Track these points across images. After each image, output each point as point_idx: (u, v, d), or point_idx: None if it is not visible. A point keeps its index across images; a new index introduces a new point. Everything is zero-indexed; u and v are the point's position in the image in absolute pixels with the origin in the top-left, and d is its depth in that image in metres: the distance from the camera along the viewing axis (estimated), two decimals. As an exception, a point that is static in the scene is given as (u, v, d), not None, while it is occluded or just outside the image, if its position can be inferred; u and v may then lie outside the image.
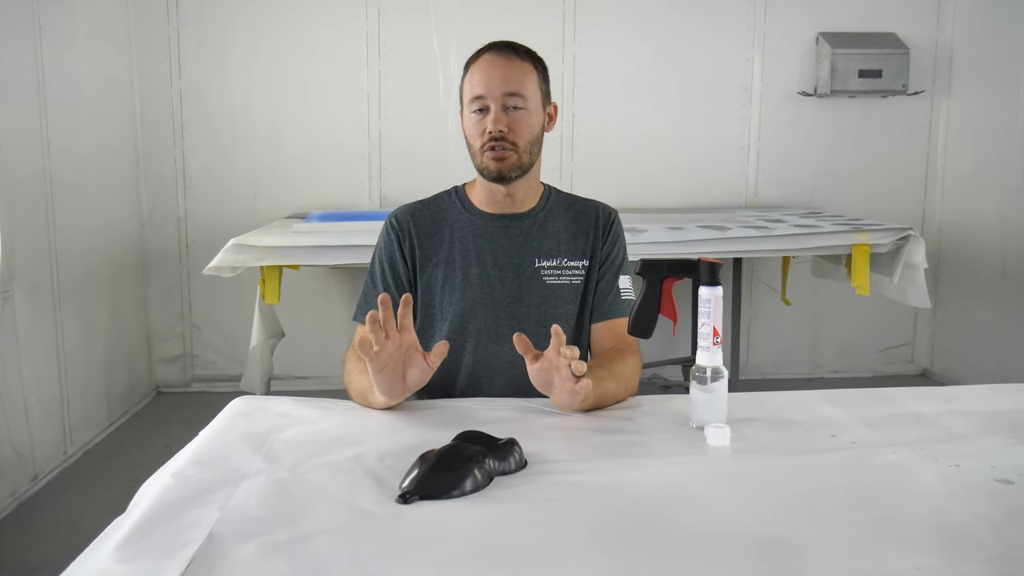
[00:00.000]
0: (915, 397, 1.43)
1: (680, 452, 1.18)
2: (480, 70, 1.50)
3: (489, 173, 1.51)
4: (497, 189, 1.54)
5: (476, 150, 1.51)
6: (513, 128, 1.48)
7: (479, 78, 1.49)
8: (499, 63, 1.49)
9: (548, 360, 1.26)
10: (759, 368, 4.24)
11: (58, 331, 3.11)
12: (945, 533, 0.93)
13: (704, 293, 1.25)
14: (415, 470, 1.04)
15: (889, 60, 3.97)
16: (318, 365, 4.04)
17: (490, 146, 1.48)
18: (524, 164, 1.52)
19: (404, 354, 1.28)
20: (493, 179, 1.51)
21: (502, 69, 1.49)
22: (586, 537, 0.92)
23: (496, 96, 1.47)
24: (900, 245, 3.08)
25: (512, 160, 1.49)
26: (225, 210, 3.97)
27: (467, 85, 1.52)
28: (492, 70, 1.49)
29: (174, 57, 3.92)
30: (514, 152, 1.49)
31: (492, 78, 1.48)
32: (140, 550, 0.88)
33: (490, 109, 1.48)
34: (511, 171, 1.50)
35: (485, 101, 1.48)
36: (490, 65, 1.49)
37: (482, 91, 1.48)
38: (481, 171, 1.53)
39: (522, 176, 1.53)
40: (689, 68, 4.11)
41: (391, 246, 1.59)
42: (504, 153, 1.48)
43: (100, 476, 3.02)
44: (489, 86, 1.47)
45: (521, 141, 1.49)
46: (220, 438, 1.24)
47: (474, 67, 1.51)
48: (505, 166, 1.49)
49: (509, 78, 1.48)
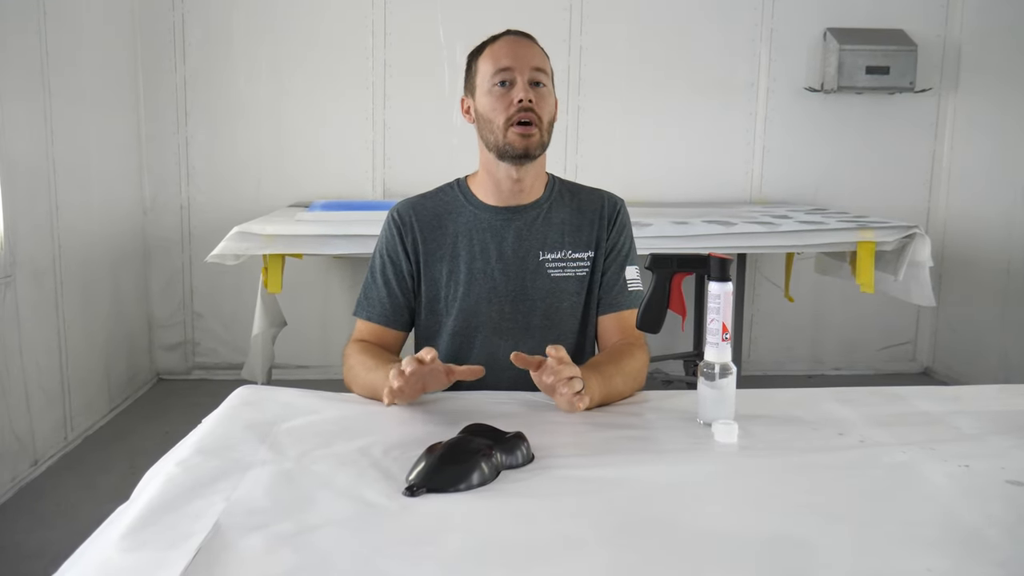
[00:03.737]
0: (923, 396, 1.42)
1: (688, 448, 1.17)
2: (505, 45, 1.49)
3: (514, 150, 1.46)
4: (507, 175, 1.51)
5: (499, 126, 1.46)
6: (538, 102, 1.47)
7: (505, 51, 1.48)
8: (523, 42, 1.51)
9: (551, 368, 1.27)
10: (760, 364, 4.23)
11: (59, 317, 3.10)
12: (956, 534, 0.92)
13: (714, 288, 1.24)
14: (422, 463, 1.03)
15: (897, 57, 3.95)
16: (319, 354, 4.03)
17: (519, 119, 1.45)
18: (545, 143, 1.50)
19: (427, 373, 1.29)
20: (517, 156, 1.47)
21: (527, 48, 1.50)
22: (593, 532, 0.91)
23: (524, 69, 1.46)
24: (905, 243, 3.07)
25: (536, 138, 1.47)
26: (228, 198, 3.96)
27: (487, 62, 1.49)
28: (518, 47, 1.49)
29: (178, 44, 3.90)
30: (538, 129, 1.47)
31: (519, 52, 1.48)
32: (146, 539, 0.88)
33: (516, 82, 1.46)
34: (536, 148, 1.48)
35: (512, 73, 1.46)
36: (515, 42, 1.50)
37: (510, 63, 1.46)
38: (503, 149, 1.47)
39: (539, 155, 1.51)
40: (696, 62, 4.09)
41: (392, 241, 1.57)
42: (530, 130, 1.46)
43: (100, 462, 3.02)
44: (517, 59, 1.47)
45: (545, 117, 1.48)
46: (224, 427, 1.23)
47: (494, 46, 1.50)
48: (532, 143, 1.46)
49: (535, 55, 1.49)
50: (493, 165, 1.52)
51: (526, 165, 1.50)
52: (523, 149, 1.46)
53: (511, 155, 1.47)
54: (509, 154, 1.47)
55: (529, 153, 1.47)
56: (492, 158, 1.51)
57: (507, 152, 1.47)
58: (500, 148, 1.48)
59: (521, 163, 1.49)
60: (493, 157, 1.51)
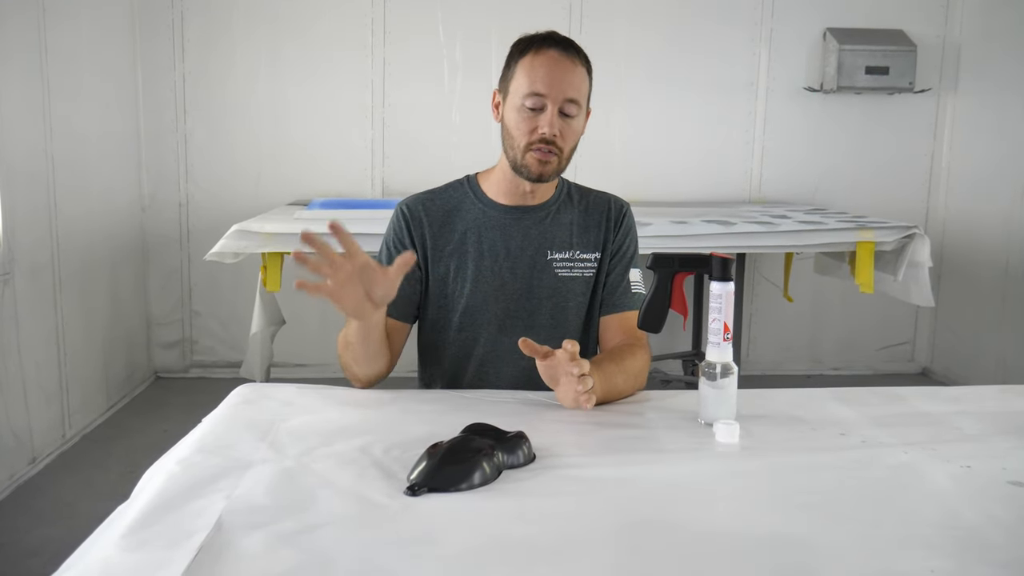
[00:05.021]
0: (924, 396, 1.42)
1: (689, 448, 1.17)
2: (545, 66, 1.43)
3: (528, 173, 1.47)
4: (522, 183, 1.52)
5: (519, 146, 1.46)
6: (563, 134, 1.44)
7: (543, 75, 1.42)
8: (565, 65, 1.43)
9: (557, 359, 1.27)
10: (759, 364, 4.24)
11: (58, 315, 3.09)
12: (958, 535, 0.92)
13: (715, 288, 1.24)
14: (423, 462, 1.03)
15: (896, 57, 3.95)
16: (318, 353, 4.02)
17: (537, 147, 1.44)
18: (562, 169, 1.50)
19: (361, 275, 1.25)
20: (530, 180, 1.48)
21: (567, 72, 1.43)
22: (595, 532, 0.91)
23: (557, 99, 1.43)
24: (905, 243, 3.07)
25: (553, 166, 1.47)
26: (226, 196, 3.95)
27: (523, 76, 1.44)
28: (557, 70, 1.42)
29: (177, 40, 3.89)
30: (557, 158, 1.46)
31: (556, 79, 1.42)
32: (146, 538, 0.87)
33: (547, 109, 1.43)
34: (550, 175, 1.48)
35: (543, 100, 1.43)
36: (556, 64, 1.43)
37: (544, 90, 1.42)
38: (518, 168, 1.48)
39: (553, 180, 1.52)
40: (695, 62, 4.09)
41: (400, 234, 1.57)
42: (549, 158, 1.45)
43: (98, 460, 3.02)
44: (552, 87, 1.42)
45: (567, 148, 1.47)
46: (224, 426, 1.23)
47: (536, 59, 1.44)
48: (547, 170, 1.47)
49: (572, 83, 1.44)
50: (510, 171, 1.52)
51: (543, 183, 1.51)
52: (537, 175, 1.47)
53: (526, 177, 1.49)
54: (523, 175, 1.49)
55: (543, 179, 1.48)
56: (508, 166, 1.52)
57: (521, 172, 1.48)
58: (516, 166, 1.49)
59: (534, 183, 1.50)
60: (509, 166, 1.52)
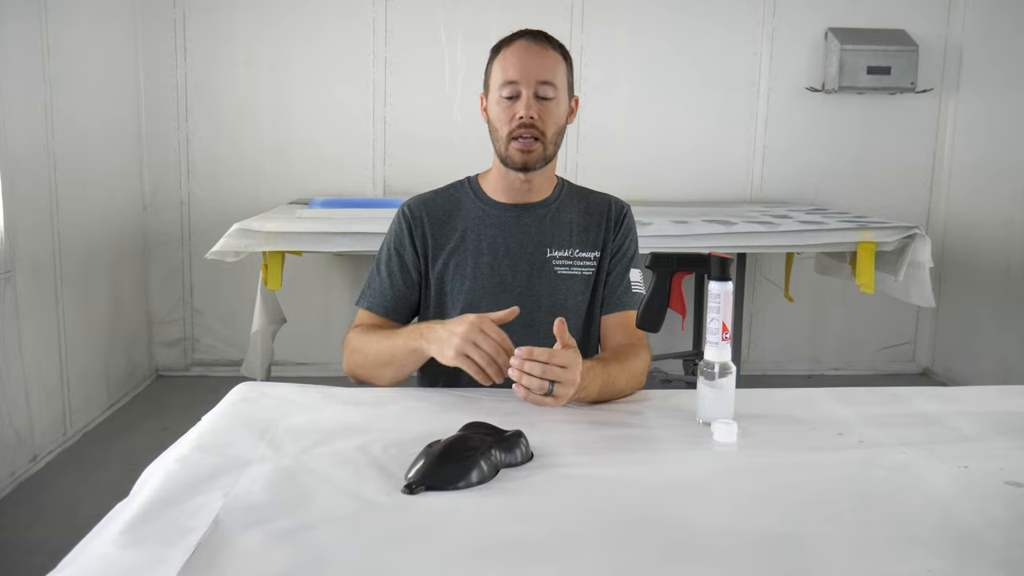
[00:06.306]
0: (923, 396, 1.42)
1: (687, 447, 1.17)
2: (515, 54, 1.48)
3: (513, 163, 1.50)
4: (516, 176, 1.54)
5: (502, 137, 1.50)
6: (542, 117, 1.48)
7: (513, 62, 1.48)
8: (534, 50, 1.49)
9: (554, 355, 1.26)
10: (760, 363, 4.24)
11: (59, 313, 3.10)
12: (955, 535, 0.92)
13: (714, 288, 1.24)
14: (421, 460, 1.03)
15: (898, 57, 3.95)
16: (319, 352, 4.03)
17: (518, 134, 1.47)
18: (548, 156, 1.52)
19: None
20: (516, 169, 1.51)
21: (537, 56, 1.48)
22: (592, 531, 0.91)
23: (530, 82, 1.47)
24: (906, 243, 3.07)
25: (538, 152, 1.49)
26: (228, 194, 3.96)
27: (497, 69, 1.50)
28: (527, 56, 1.48)
29: (179, 39, 3.90)
30: (540, 144, 1.49)
31: (527, 64, 1.47)
32: (144, 535, 0.88)
33: (522, 95, 1.47)
34: (536, 163, 1.51)
35: (518, 87, 1.47)
36: (525, 51, 1.48)
37: (516, 76, 1.47)
38: (504, 160, 1.52)
39: (540, 168, 1.53)
40: (697, 61, 4.09)
41: (401, 235, 1.58)
42: (531, 145, 1.48)
43: (99, 458, 3.02)
44: (523, 72, 1.47)
45: (548, 132, 1.49)
46: (223, 424, 1.23)
47: (507, 51, 1.50)
48: (531, 158, 1.50)
49: (544, 66, 1.48)
50: (502, 167, 1.55)
51: (531, 172, 1.52)
52: (522, 164, 1.50)
53: (511, 167, 1.51)
54: (510, 166, 1.52)
55: (528, 167, 1.51)
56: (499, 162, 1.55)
57: (508, 163, 1.52)
58: (503, 158, 1.52)
59: (523, 173, 1.52)
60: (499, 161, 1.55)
